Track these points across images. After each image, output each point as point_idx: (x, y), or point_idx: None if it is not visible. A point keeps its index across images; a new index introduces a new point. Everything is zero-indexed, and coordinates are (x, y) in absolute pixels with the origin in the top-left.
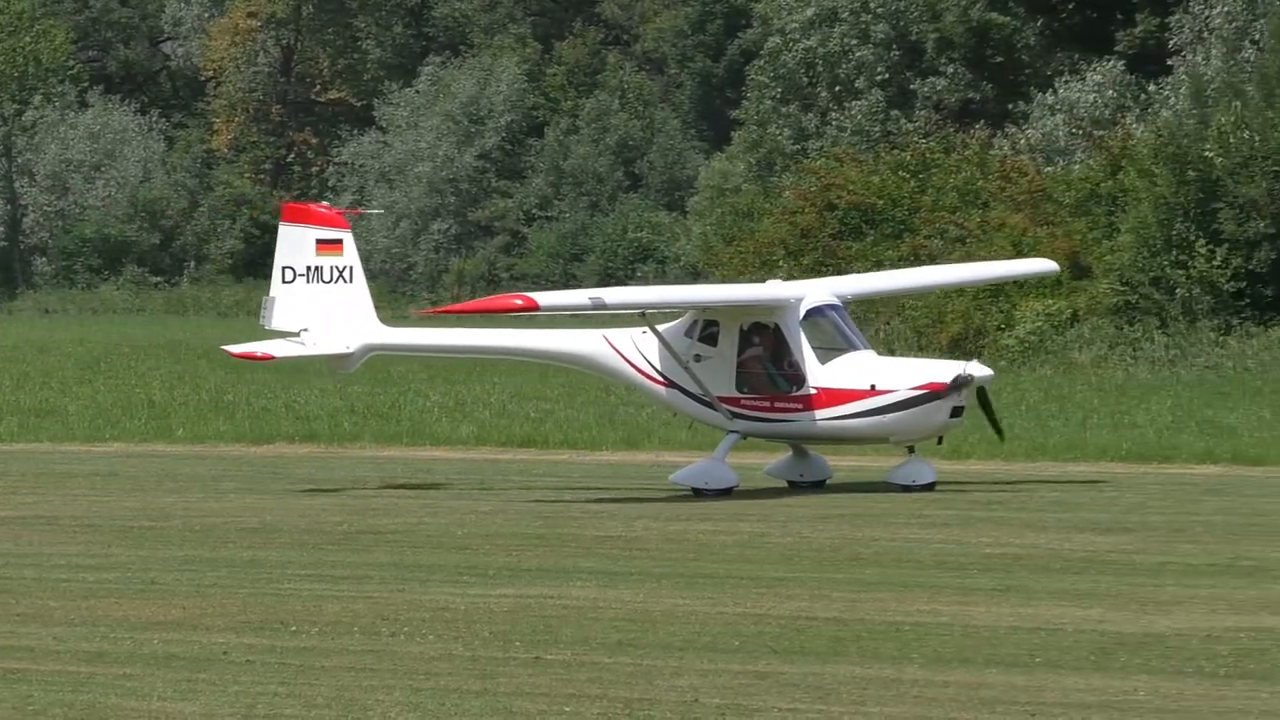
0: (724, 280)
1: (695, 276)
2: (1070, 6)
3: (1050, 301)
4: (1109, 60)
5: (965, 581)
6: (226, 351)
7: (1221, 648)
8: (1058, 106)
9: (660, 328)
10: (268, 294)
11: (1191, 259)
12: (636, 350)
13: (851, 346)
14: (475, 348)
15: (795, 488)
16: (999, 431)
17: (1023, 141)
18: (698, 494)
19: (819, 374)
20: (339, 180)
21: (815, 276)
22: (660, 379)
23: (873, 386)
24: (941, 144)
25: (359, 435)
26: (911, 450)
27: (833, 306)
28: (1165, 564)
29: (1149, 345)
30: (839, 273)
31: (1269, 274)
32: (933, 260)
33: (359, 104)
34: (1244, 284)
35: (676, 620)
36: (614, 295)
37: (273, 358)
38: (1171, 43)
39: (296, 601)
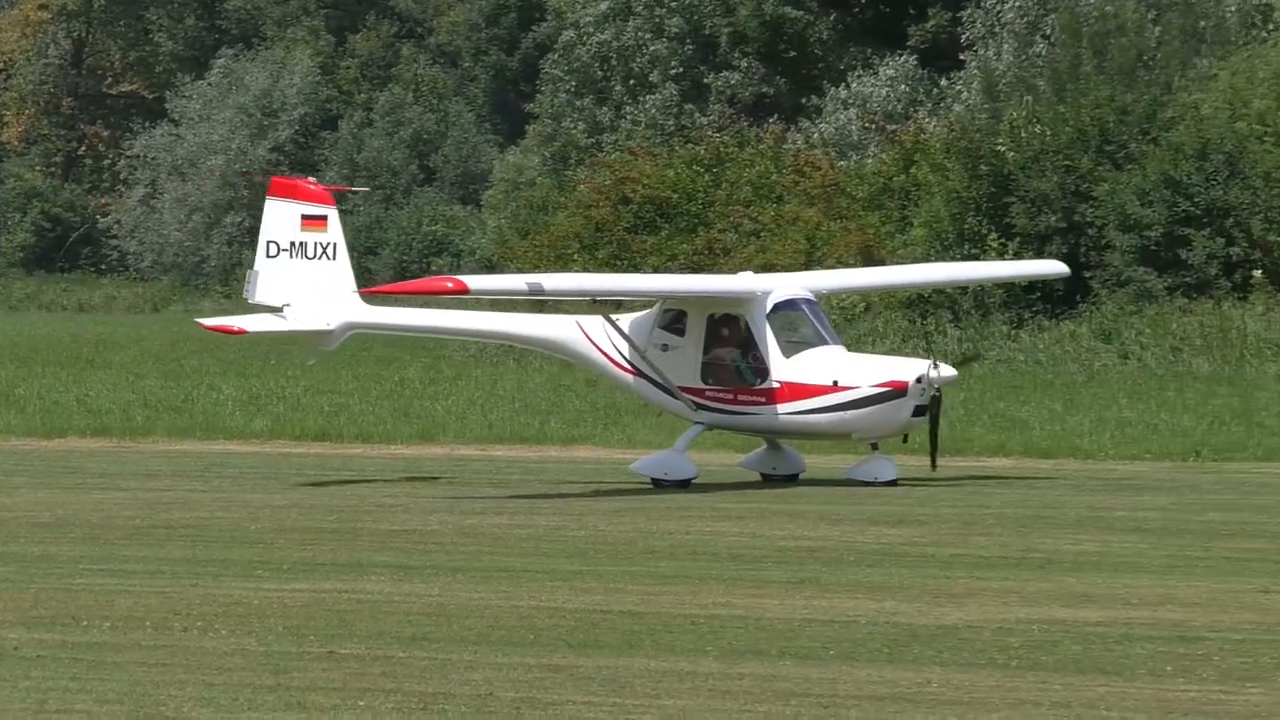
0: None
1: (490, 270)
2: (863, 1)
3: (843, 295)
4: (901, 55)
5: (760, 574)
6: (199, 324)
7: (1013, 640)
8: (851, 101)
9: (633, 316)
10: (252, 267)
11: (984, 252)
12: (607, 337)
13: (821, 341)
14: (454, 329)
15: (769, 481)
16: (933, 459)
17: (816, 135)
18: (656, 484)
19: (783, 368)
20: (130, 173)
21: (612, 270)
22: (628, 367)
23: (836, 383)
24: (736, 138)
25: (151, 429)
26: (875, 447)
27: (804, 301)
28: (958, 556)
29: (941, 339)
30: (633, 266)
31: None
32: (726, 254)
33: (151, 96)
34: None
35: (471, 614)
36: (553, 281)
37: (246, 332)
38: (963, 37)
39: (88, 596)
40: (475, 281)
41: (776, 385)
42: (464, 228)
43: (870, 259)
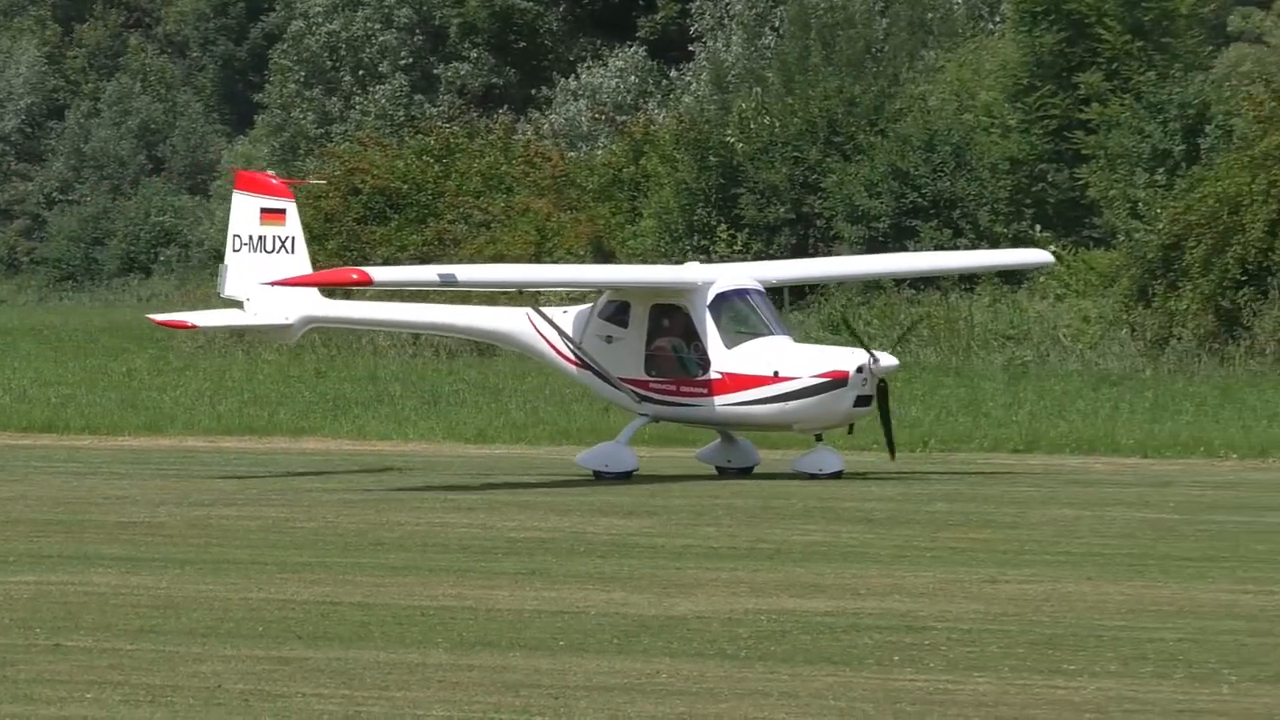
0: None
1: (219, 260)
2: None
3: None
4: (631, 46)
5: (490, 565)
6: (151, 319)
7: (742, 630)
8: (580, 92)
9: (579, 308)
10: (223, 261)
11: (713, 243)
12: (559, 330)
13: (767, 332)
14: (409, 322)
15: (723, 474)
16: (891, 450)
17: (546, 127)
18: (598, 476)
19: (724, 359)
20: None
21: (342, 262)
22: (573, 359)
23: (776, 373)
24: (465, 129)
25: None
26: (819, 439)
27: (749, 291)
28: (688, 547)
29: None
30: (363, 257)
31: (789, 258)
32: (456, 244)
33: None
34: None
35: (200, 606)
36: (468, 272)
37: (196, 327)
38: (692, 29)
39: None
40: (380, 273)
41: (718, 376)
42: (192, 218)
43: (600, 251)
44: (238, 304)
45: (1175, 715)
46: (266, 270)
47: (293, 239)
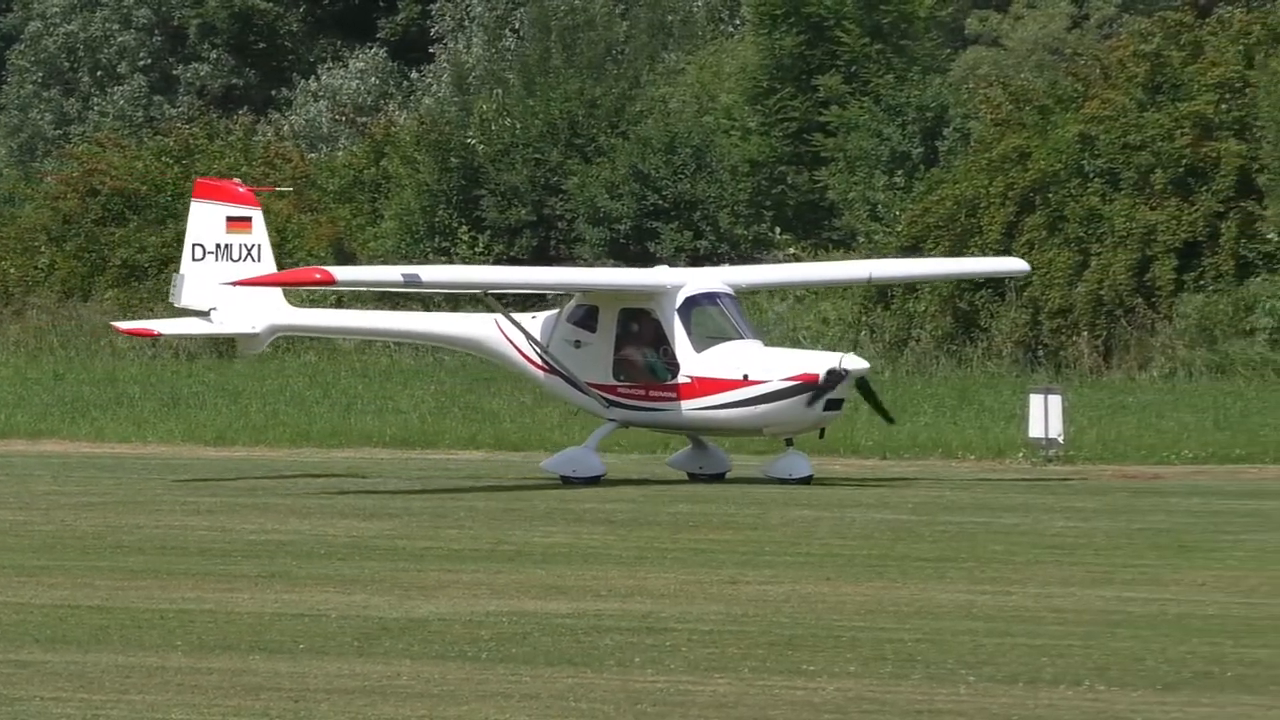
0: None
1: None
2: None
3: (314, 289)
4: (371, 48)
5: (230, 568)
6: (114, 327)
7: (484, 632)
8: (321, 93)
9: (548, 313)
10: (178, 270)
11: (454, 245)
12: (527, 335)
13: (737, 336)
14: (376, 330)
15: (695, 480)
16: (888, 417)
17: (286, 128)
18: (566, 481)
19: (693, 363)
20: None
21: (80, 262)
22: (541, 364)
23: (745, 377)
24: (205, 130)
25: None
26: (789, 443)
27: (719, 295)
28: (429, 549)
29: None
30: (102, 259)
31: (531, 260)
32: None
33: None
34: None
35: None
36: (433, 273)
37: (160, 335)
38: (433, 31)
39: None
40: (342, 273)
41: (687, 380)
42: None
43: (342, 252)
44: (196, 313)
45: (914, 715)
46: (230, 278)
47: (259, 246)
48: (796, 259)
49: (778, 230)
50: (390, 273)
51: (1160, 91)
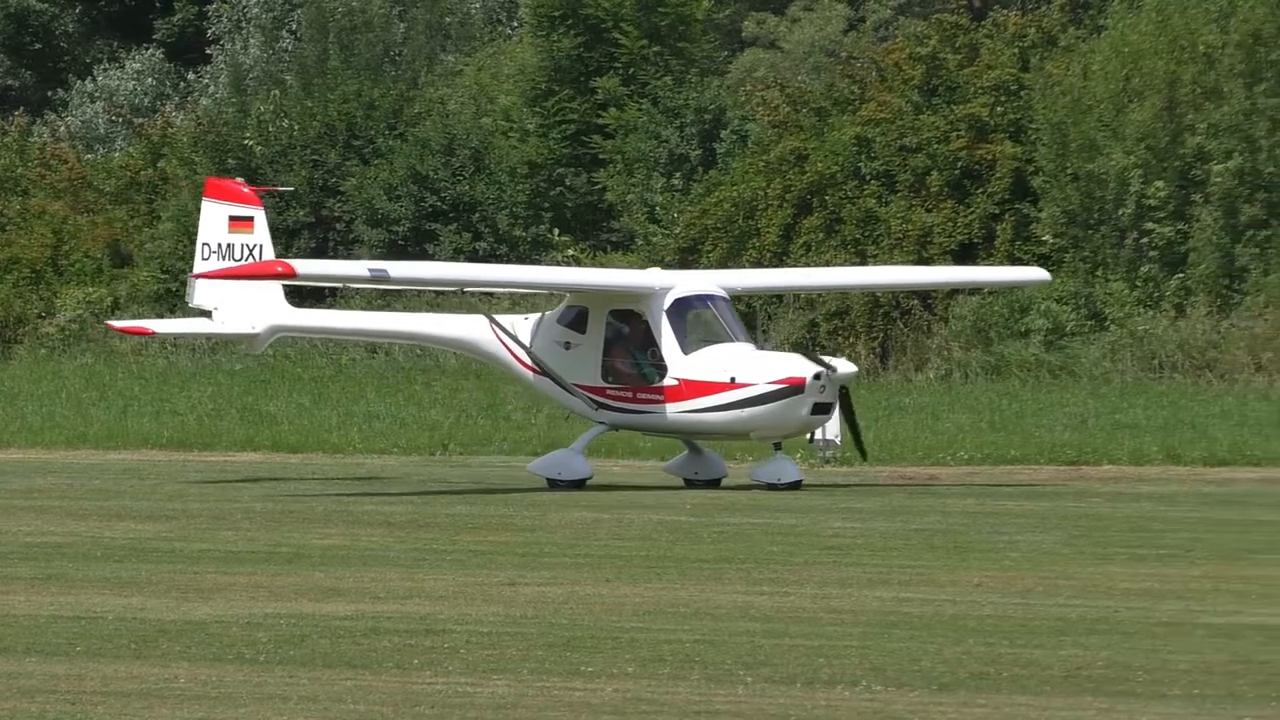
0: None
1: None
2: None
3: (91, 289)
4: (148, 49)
5: (5, 571)
6: (110, 326)
7: (261, 634)
8: (98, 94)
9: (539, 314)
10: (191, 270)
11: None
12: (513, 336)
13: (728, 338)
14: (375, 331)
15: (691, 485)
16: (861, 449)
17: (63, 129)
18: (552, 485)
19: (681, 365)
20: None
21: None
22: (531, 366)
23: (733, 379)
24: None
25: None
26: (778, 448)
27: (710, 298)
28: (206, 551)
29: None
30: None
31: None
32: None
33: None
34: None
35: None
36: (401, 269)
37: (154, 333)
38: (210, 32)
39: None
40: (304, 266)
41: (674, 383)
42: None
43: (118, 254)
44: (202, 313)
45: (692, 716)
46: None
47: (260, 246)
48: (577, 261)
49: (556, 232)
50: (356, 267)
51: (936, 94)
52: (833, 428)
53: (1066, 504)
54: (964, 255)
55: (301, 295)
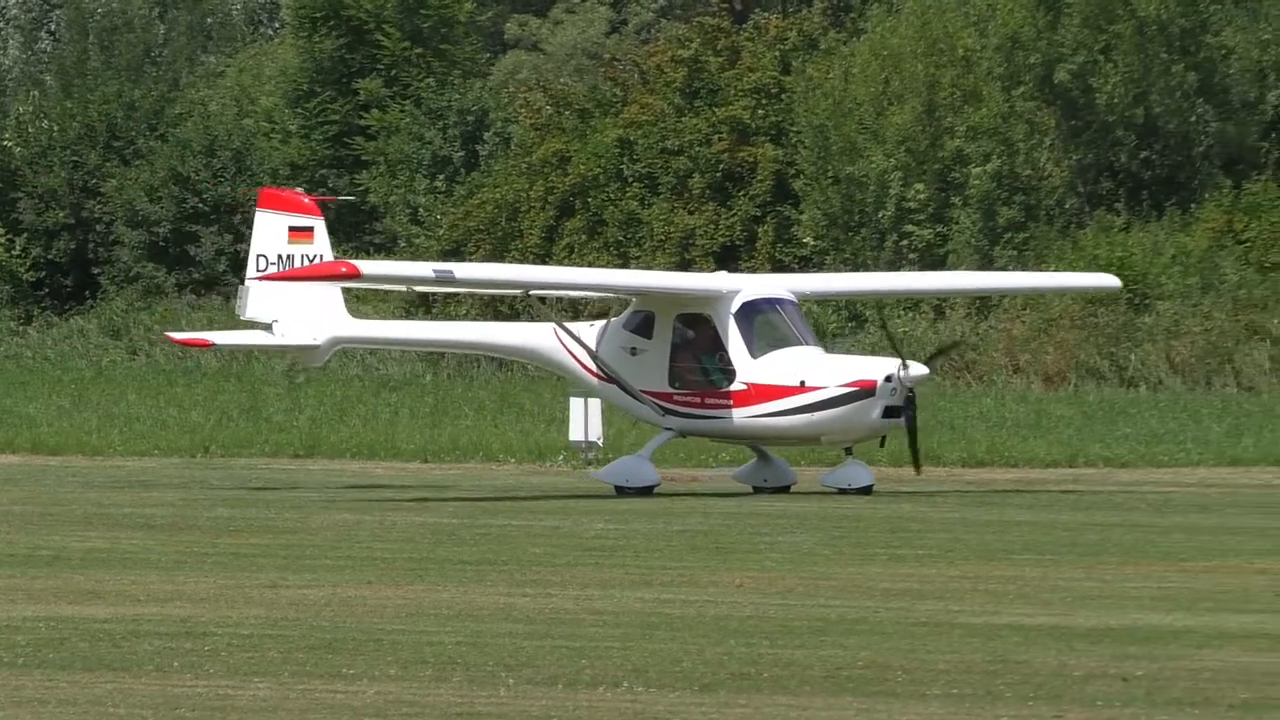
0: None
1: None
2: None
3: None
4: None
5: None
6: (168, 337)
7: (20, 638)
8: None
9: (604, 320)
10: (243, 283)
11: None
12: (580, 342)
13: (797, 342)
14: (437, 341)
15: (759, 493)
16: (916, 464)
17: None
18: (620, 492)
19: (750, 369)
20: None
21: None
22: (598, 372)
23: (802, 383)
24: None
25: None
26: (849, 452)
27: (777, 301)
28: None
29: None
30: None
31: (68, 264)
32: None
33: None
34: (44, 274)
35: None
36: (466, 270)
37: (213, 345)
38: None
39: None
40: (369, 267)
41: (743, 387)
42: None
43: None
44: (260, 326)
45: (454, 718)
46: (296, 290)
47: (320, 257)
48: None
49: None
50: (421, 269)
51: (698, 97)
52: (595, 428)
53: (827, 505)
54: (725, 257)
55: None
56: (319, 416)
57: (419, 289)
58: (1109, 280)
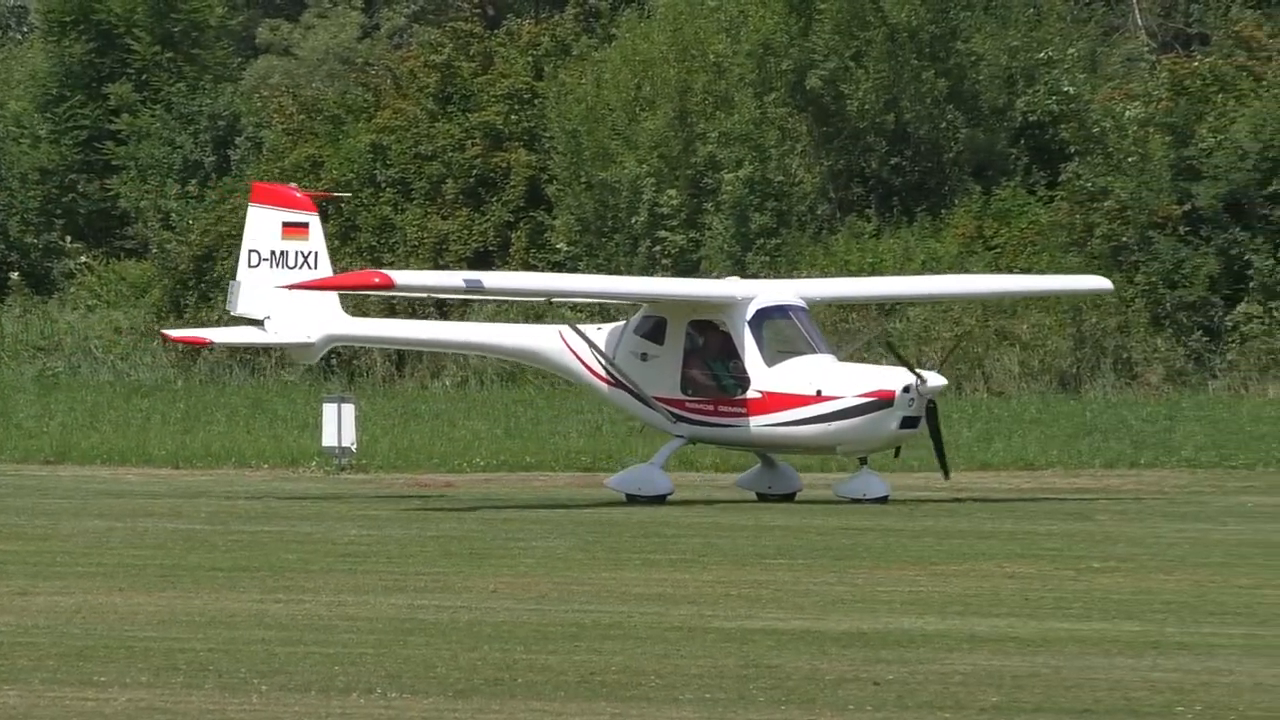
0: None
1: None
2: None
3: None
4: None
5: None
6: (165, 335)
7: None
8: None
9: (613, 325)
10: (234, 278)
11: None
12: (594, 346)
13: (810, 350)
14: (436, 340)
15: (764, 500)
16: (945, 469)
17: None
18: (631, 500)
19: (764, 377)
20: None
21: None
22: (606, 377)
23: (819, 392)
24: None
25: None
26: (863, 462)
27: (790, 308)
28: None
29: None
30: None
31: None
32: None
33: None
34: None
35: None
36: (494, 279)
37: (212, 343)
38: None
39: None
40: (402, 277)
41: (757, 395)
42: None
43: None
44: (252, 322)
45: None
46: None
47: (316, 254)
48: (89, 268)
49: (69, 239)
50: (451, 278)
51: (451, 102)
52: (348, 434)
53: (581, 511)
54: (479, 262)
55: None
56: (69, 422)
57: (446, 298)
58: (1100, 282)
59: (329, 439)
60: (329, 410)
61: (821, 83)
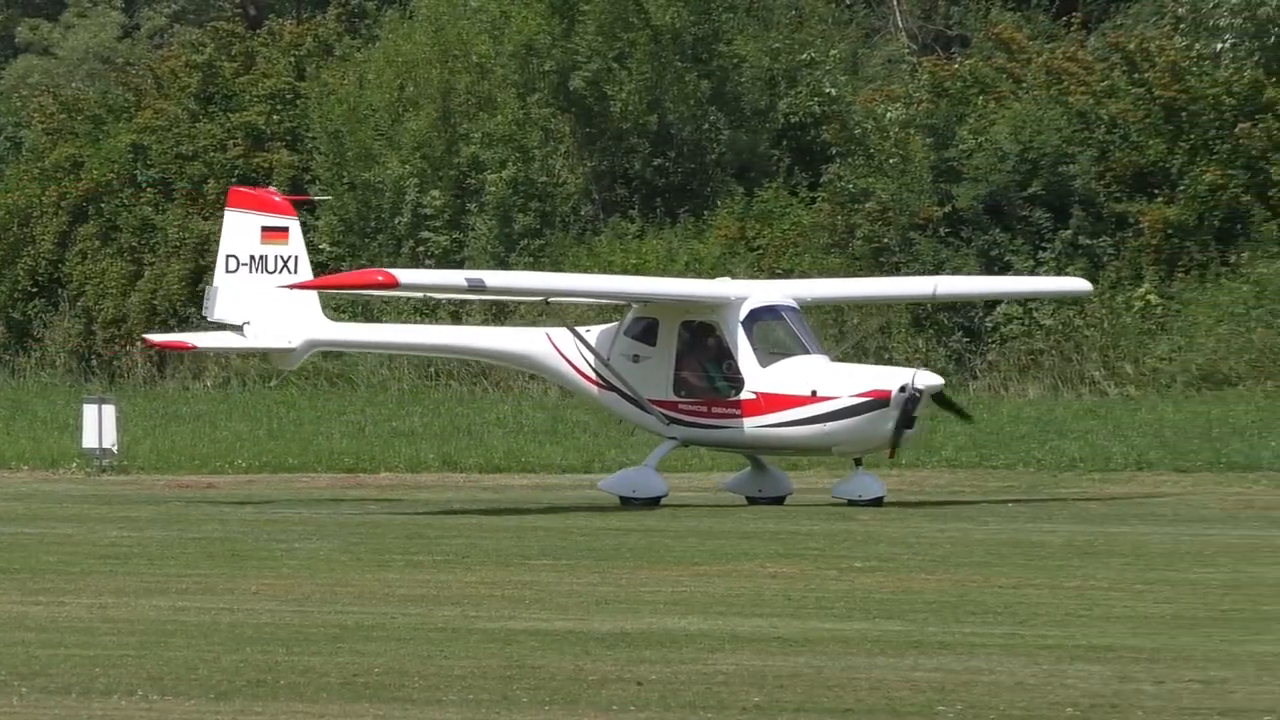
0: None
1: None
2: None
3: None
4: None
5: None
6: (147, 340)
7: None
8: None
9: (603, 326)
10: (210, 284)
11: None
12: (576, 349)
13: (802, 350)
14: (419, 345)
15: (754, 504)
16: (966, 416)
17: None
18: (625, 503)
19: (758, 378)
20: None
21: None
22: (595, 380)
23: (814, 393)
24: None
25: None
26: (859, 463)
27: (783, 308)
28: None
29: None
30: None
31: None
32: None
33: None
34: None
35: None
36: (496, 279)
37: (195, 348)
38: None
39: None
40: (406, 275)
41: (751, 396)
42: None
43: None
44: (230, 327)
45: None
46: (269, 291)
47: (296, 258)
48: None
49: None
50: (454, 277)
51: (213, 102)
52: (109, 435)
53: (344, 512)
54: None
55: None
56: None
57: (445, 297)
58: (1080, 284)
59: (89, 440)
60: (89, 411)
61: (585, 84)
